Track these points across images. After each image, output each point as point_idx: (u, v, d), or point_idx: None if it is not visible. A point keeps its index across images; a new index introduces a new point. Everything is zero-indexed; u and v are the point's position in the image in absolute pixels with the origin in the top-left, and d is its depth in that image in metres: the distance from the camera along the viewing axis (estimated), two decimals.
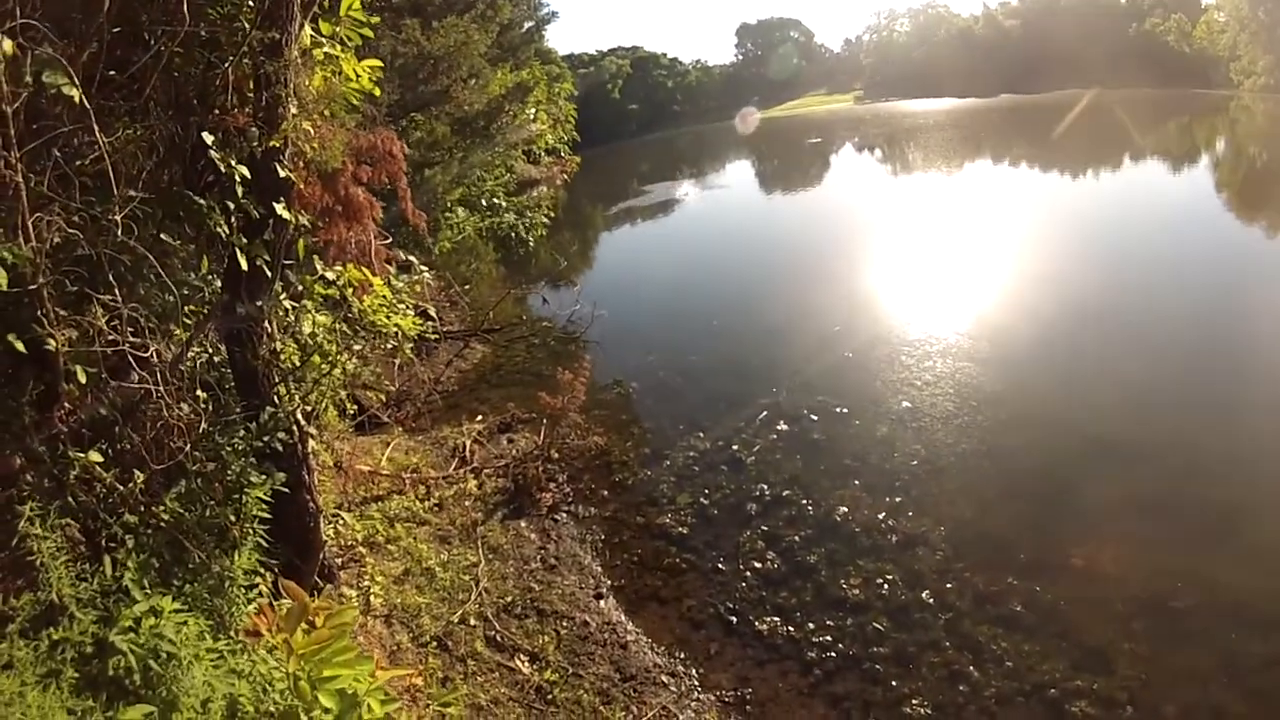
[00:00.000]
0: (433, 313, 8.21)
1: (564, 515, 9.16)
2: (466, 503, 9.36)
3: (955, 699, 6.34)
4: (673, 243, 22.55)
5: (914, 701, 6.31)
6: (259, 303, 4.82)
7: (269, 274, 4.87)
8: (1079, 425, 10.10)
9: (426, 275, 6.52)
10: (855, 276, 17.50)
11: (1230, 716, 6.05)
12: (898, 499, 8.83)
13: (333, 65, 4.98)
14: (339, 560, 7.45)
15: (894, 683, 6.51)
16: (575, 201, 30.44)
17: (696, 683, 6.63)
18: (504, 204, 17.16)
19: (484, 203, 16.73)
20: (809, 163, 39.56)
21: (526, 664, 6.66)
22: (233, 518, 4.15)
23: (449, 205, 15.45)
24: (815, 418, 10.60)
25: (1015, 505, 8.65)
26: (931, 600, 7.27)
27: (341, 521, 8.19)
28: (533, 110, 16.03)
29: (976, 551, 7.92)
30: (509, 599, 7.58)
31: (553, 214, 19.57)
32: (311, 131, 4.89)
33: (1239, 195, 25.74)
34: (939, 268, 17.76)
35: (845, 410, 10.70)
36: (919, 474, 9.33)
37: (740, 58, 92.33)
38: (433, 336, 9.90)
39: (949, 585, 7.46)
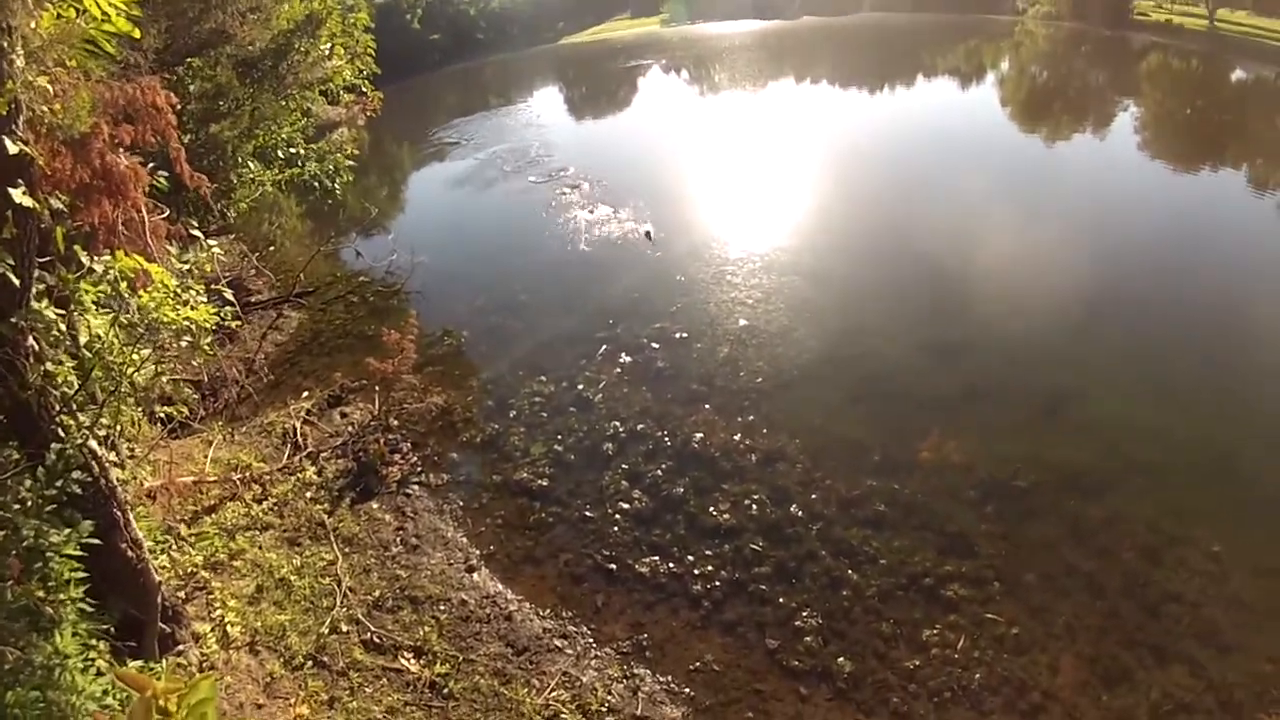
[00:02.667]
0: (229, 295, 7.03)
1: (416, 488, 8.64)
2: (309, 494, 8.50)
3: (841, 604, 7.10)
4: (486, 177, 21.50)
5: (804, 614, 6.99)
6: (13, 319, 3.80)
7: (18, 280, 3.85)
8: (908, 329, 11.70)
9: (215, 249, 5.49)
10: (673, 198, 17.81)
11: (1081, 574, 7.34)
12: (750, 417, 9.58)
13: (70, 1, 3.89)
14: (181, 594, 6.49)
15: (781, 599, 7.16)
16: (381, 141, 28.22)
17: (591, 639, 6.87)
18: (304, 151, 15.32)
19: (281, 153, 14.84)
20: (618, 87, 39.16)
21: (413, 661, 6.34)
22: (41, 593, 3.30)
23: (242, 160, 13.57)
24: (656, 346, 10.88)
25: (861, 409, 9.79)
26: (800, 513, 8.05)
27: (174, 547, 7.09)
28: (327, 45, 14.26)
29: (833, 458, 8.84)
30: (377, 593, 7.09)
31: (358, 157, 17.79)
32: (50, 89, 3.83)
33: (1022, 109, 30.85)
34: (752, 185, 19.32)
35: (685, 335, 11.17)
36: (766, 390, 10.18)
37: None
38: (234, 324, 8.66)
39: (814, 496, 8.30)
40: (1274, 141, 24.62)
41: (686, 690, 6.27)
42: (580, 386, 10.25)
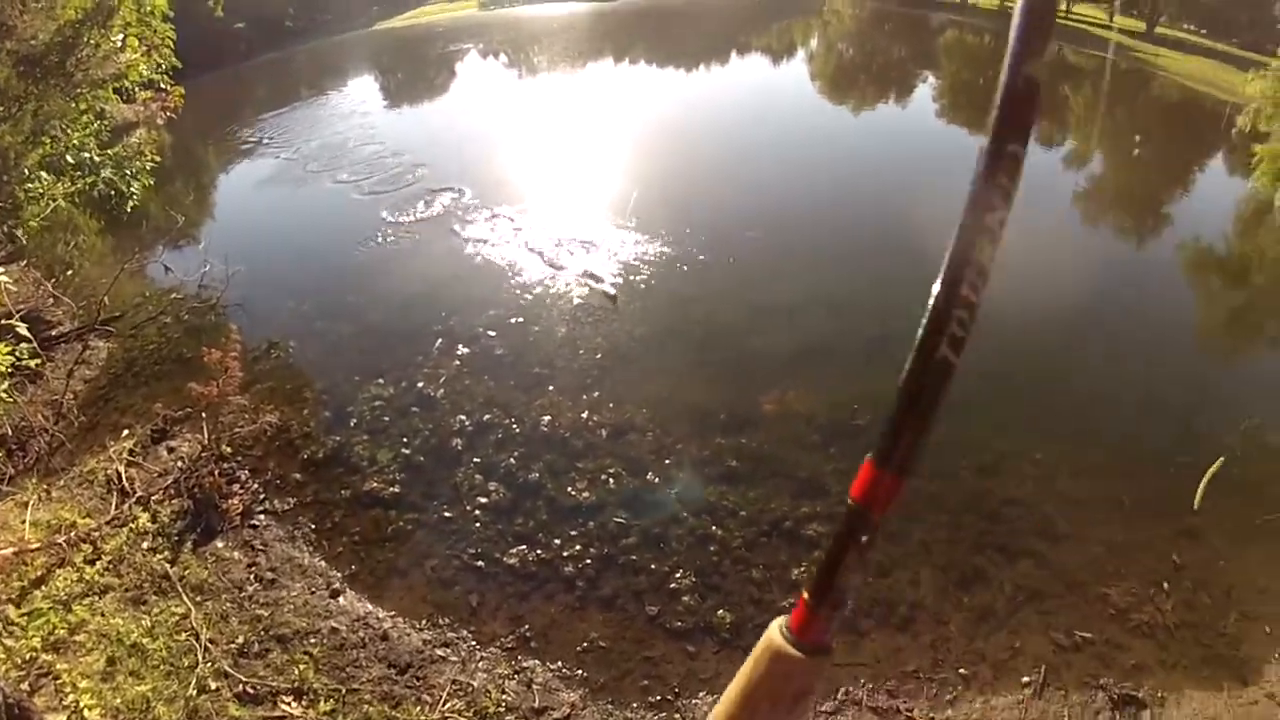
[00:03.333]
0: (24, 331, 6.28)
1: (261, 517, 8.05)
2: (146, 545, 7.70)
3: (710, 560, 7.40)
4: (301, 174, 20.31)
5: (677, 576, 7.24)
6: None
7: None
8: (739, 293, 12.31)
9: (4, 278, 4.91)
10: (495, 181, 17.30)
11: (925, 495, 8.04)
12: (596, 393, 9.77)
13: None
14: (25, 686, 5.73)
15: (653, 565, 7.37)
16: (184, 142, 25.81)
17: (474, 642, 6.74)
18: (98, 158, 13.80)
19: (72, 160, 13.28)
20: (436, 73, 38.15)
21: (294, 704, 5.93)
22: None
23: (29, 173, 11.97)
24: (493, 333, 10.77)
25: (703, 374, 10.23)
26: (657, 479, 8.33)
27: (4, 634, 6.25)
28: (120, 36, 12.84)
29: (682, 423, 9.17)
30: (241, 640, 6.56)
31: (159, 161, 16.27)
32: None
33: (830, 84, 32.90)
34: (574, 163, 19.22)
35: (520, 320, 11.14)
36: (608, 365, 10.41)
37: None
38: (34, 363, 7.72)
39: (668, 461, 8.60)
40: (1053, 104, 27.62)
41: (579, 672, 6.33)
42: (420, 384, 9.92)
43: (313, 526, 7.94)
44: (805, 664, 0.90)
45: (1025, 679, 6.45)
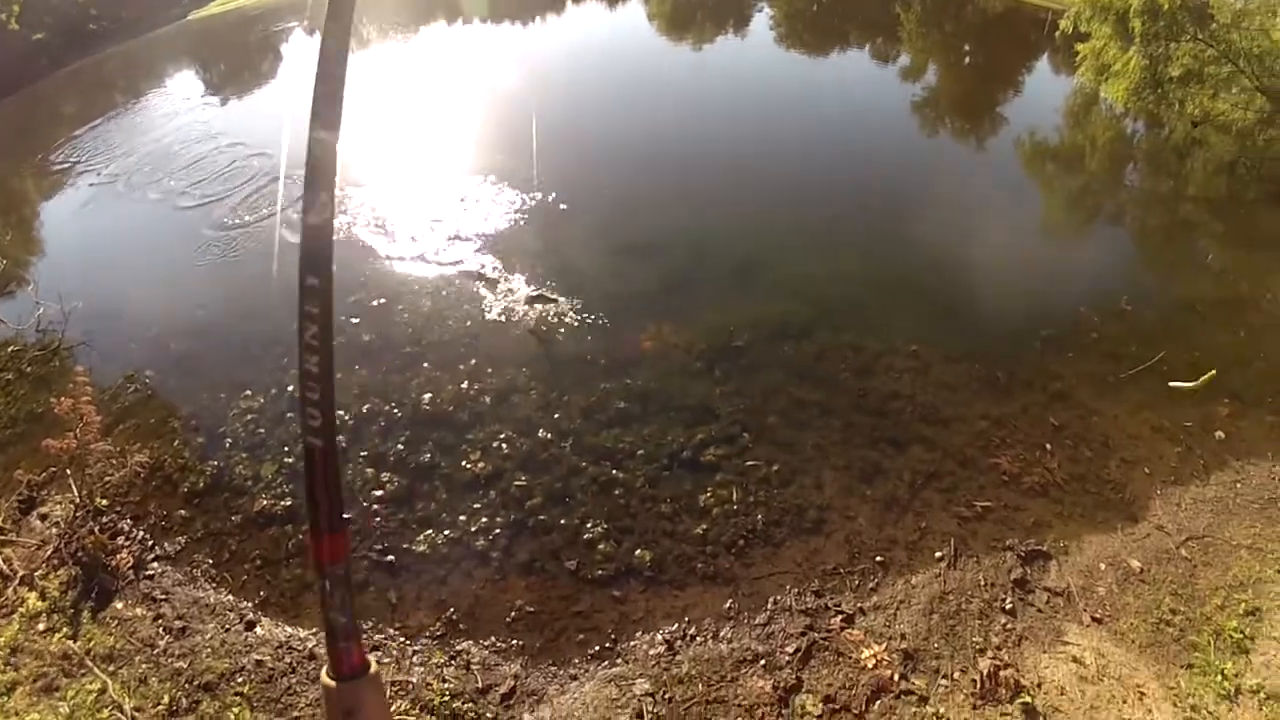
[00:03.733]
0: None
1: (155, 565, 7.44)
2: (41, 626, 6.94)
3: (618, 503, 7.44)
4: (121, 189, 18.73)
5: (588, 526, 7.23)
6: None
7: None
8: (599, 238, 12.20)
9: None
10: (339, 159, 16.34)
11: (812, 403, 8.43)
12: (472, 361, 9.52)
13: None
14: None
15: (562, 521, 7.33)
16: None
17: (402, 638, 6.50)
18: None
19: None
20: (261, 58, 35.98)
21: None
22: None
23: None
24: (357, 320, 10.38)
25: (577, 323, 10.12)
26: (549, 435, 8.25)
27: None
28: None
29: (564, 375, 9.15)
30: (166, 699, 6.10)
31: None
32: None
33: (667, 21, 32.76)
34: (419, 131, 18.31)
35: (383, 301, 10.79)
36: (478, 331, 10.14)
37: None
38: None
39: (556, 415, 8.53)
40: (886, 22, 28.69)
41: (513, 642, 6.25)
42: (290, 388, 9.37)
43: (210, 562, 7.44)
44: (343, 689, 1.19)
45: (938, 554, 6.92)
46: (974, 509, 7.31)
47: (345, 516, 1.18)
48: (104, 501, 8.26)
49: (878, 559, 6.80)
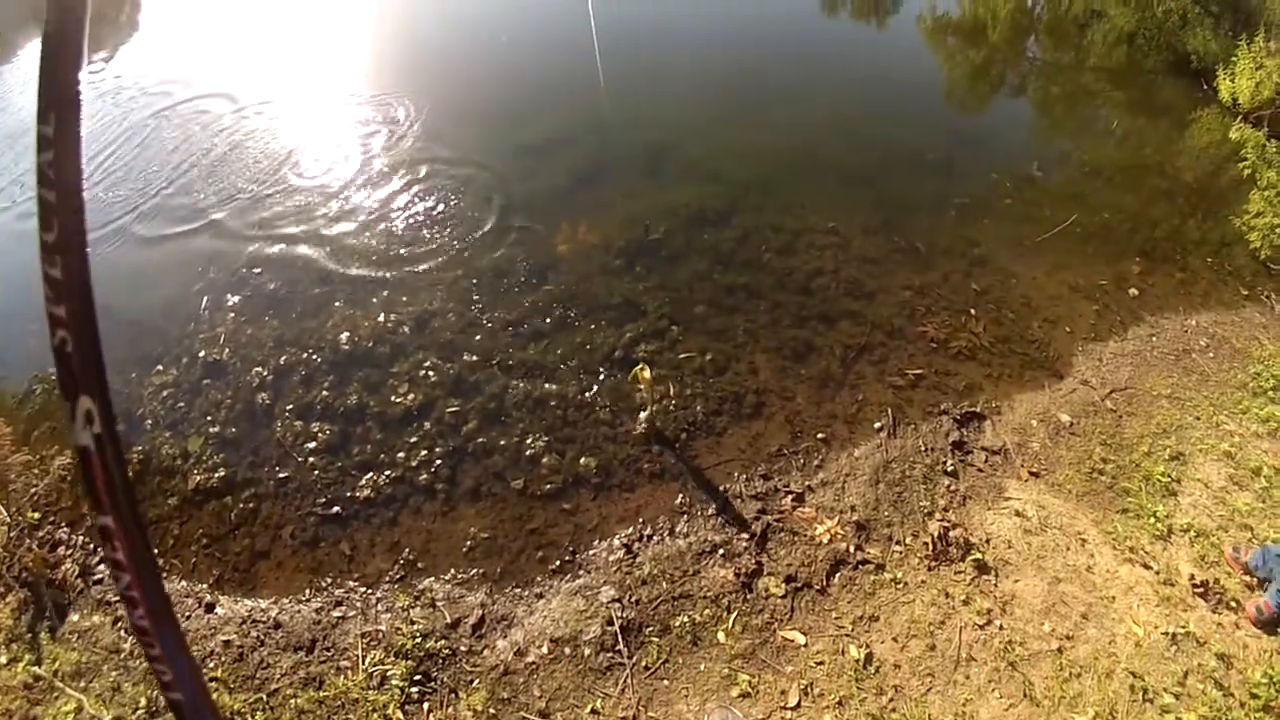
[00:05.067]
0: None
1: (102, 567, 7.01)
2: (3, 659, 6.49)
3: (555, 415, 7.36)
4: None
5: (528, 442, 7.14)
6: None
7: None
8: (500, 142, 11.75)
9: None
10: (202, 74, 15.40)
11: (738, 288, 8.64)
12: (385, 293, 9.15)
13: None
14: None
15: (501, 441, 7.19)
16: None
17: (364, 588, 6.35)
18: None
19: None
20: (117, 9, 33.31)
21: None
22: None
23: None
24: (259, 270, 9.81)
25: (485, 235, 9.83)
26: (475, 357, 8.04)
27: None
28: None
29: (481, 292, 8.89)
30: (143, 702, 5.90)
31: None
32: None
33: None
34: (308, 43, 16.96)
35: (281, 246, 10.13)
36: (389, 259, 9.68)
37: None
38: None
39: (479, 336, 8.30)
40: None
41: (473, 571, 6.17)
42: (202, 354, 8.87)
43: (156, 551, 7.08)
44: None
45: (877, 424, 7.08)
46: (907, 377, 7.48)
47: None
48: (35, 515, 7.75)
49: (819, 436, 6.91)
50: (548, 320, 8.31)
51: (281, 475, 7.33)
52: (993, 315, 8.29)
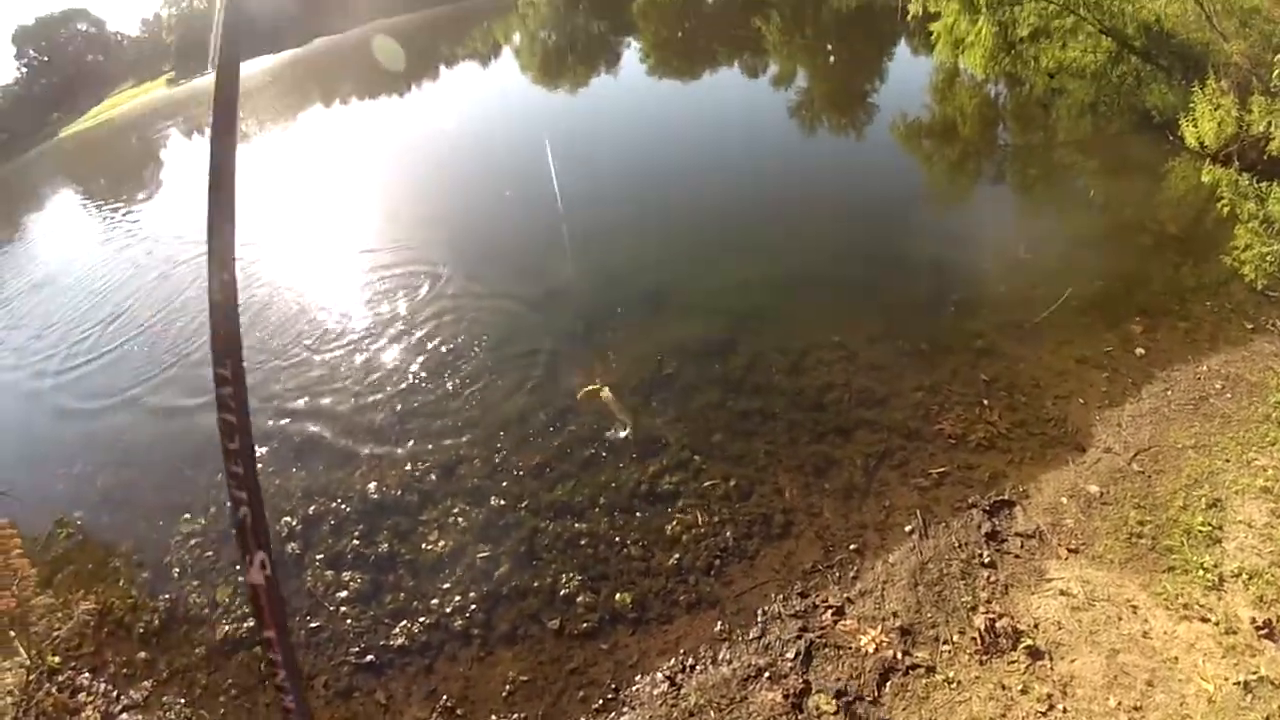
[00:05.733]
0: None
1: (125, 716, 7.03)
2: None
3: (586, 554, 7.45)
4: (31, 322, 18.21)
5: (562, 582, 7.20)
6: None
7: None
8: (506, 291, 12.26)
9: None
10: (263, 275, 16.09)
11: (754, 412, 8.78)
12: (410, 443, 9.39)
13: None
14: None
15: (535, 583, 7.23)
16: None
17: None
18: None
19: None
20: (140, 166, 35.61)
21: None
22: None
23: None
24: (285, 421, 10.65)
25: (488, 383, 10.27)
26: (503, 500, 8.22)
27: None
28: None
29: (507, 438, 9.13)
30: None
31: None
32: None
33: (540, 72, 34.66)
34: (329, 203, 18.15)
35: (306, 400, 10.91)
36: (411, 410, 10.04)
37: (24, 70, 76.64)
38: None
39: (505, 481, 8.48)
40: (750, 39, 30.16)
41: (514, 716, 6.13)
42: (229, 503, 9.07)
43: (183, 702, 7.09)
44: None
45: (908, 528, 7.10)
46: (930, 477, 7.54)
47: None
48: (56, 659, 7.84)
49: (852, 547, 6.93)
50: (572, 461, 8.48)
51: (313, 625, 7.38)
52: (1006, 402, 8.38)
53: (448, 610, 7.12)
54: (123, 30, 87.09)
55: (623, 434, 8.36)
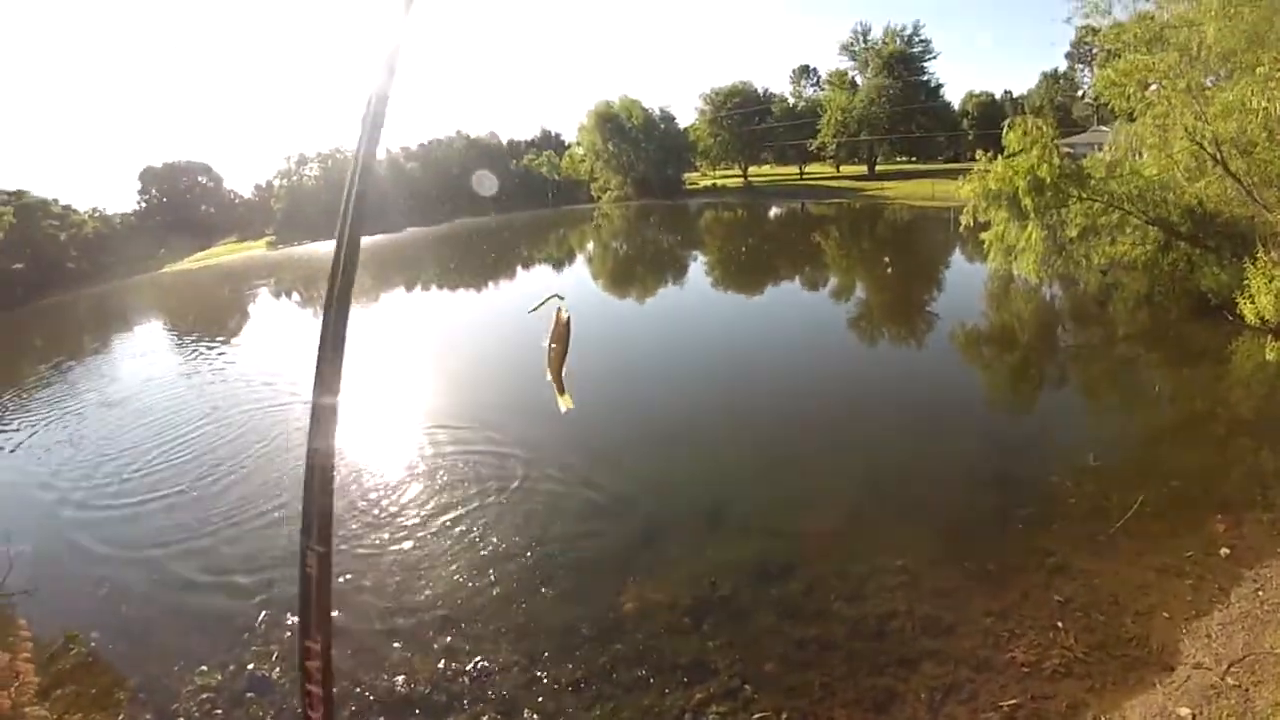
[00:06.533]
0: None
1: None
2: None
3: None
4: (94, 436, 18.75)
5: None
6: None
7: None
8: (562, 500, 12.13)
9: None
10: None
11: (810, 640, 8.14)
12: (447, 639, 8.96)
13: None
14: None
15: None
16: None
17: None
18: None
19: None
20: (229, 315, 38.17)
21: None
22: None
23: None
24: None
25: (555, 589, 9.81)
26: (536, 716, 7.65)
27: None
28: None
29: (548, 648, 8.63)
30: None
31: None
32: None
33: (610, 279, 36.25)
34: (390, 387, 19.15)
35: (349, 576, 10.38)
36: (452, 607, 9.62)
37: (144, 204, 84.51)
38: None
39: (541, 696, 7.95)
40: (810, 253, 31.69)
41: None
42: (251, 665, 8.72)
43: None
44: None
45: None
46: (1002, 711, 6.80)
47: None
48: None
49: None
50: (613, 681, 7.94)
51: None
52: (1082, 623, 7.69)
53: None
54: (237, 190, 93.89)
55: None
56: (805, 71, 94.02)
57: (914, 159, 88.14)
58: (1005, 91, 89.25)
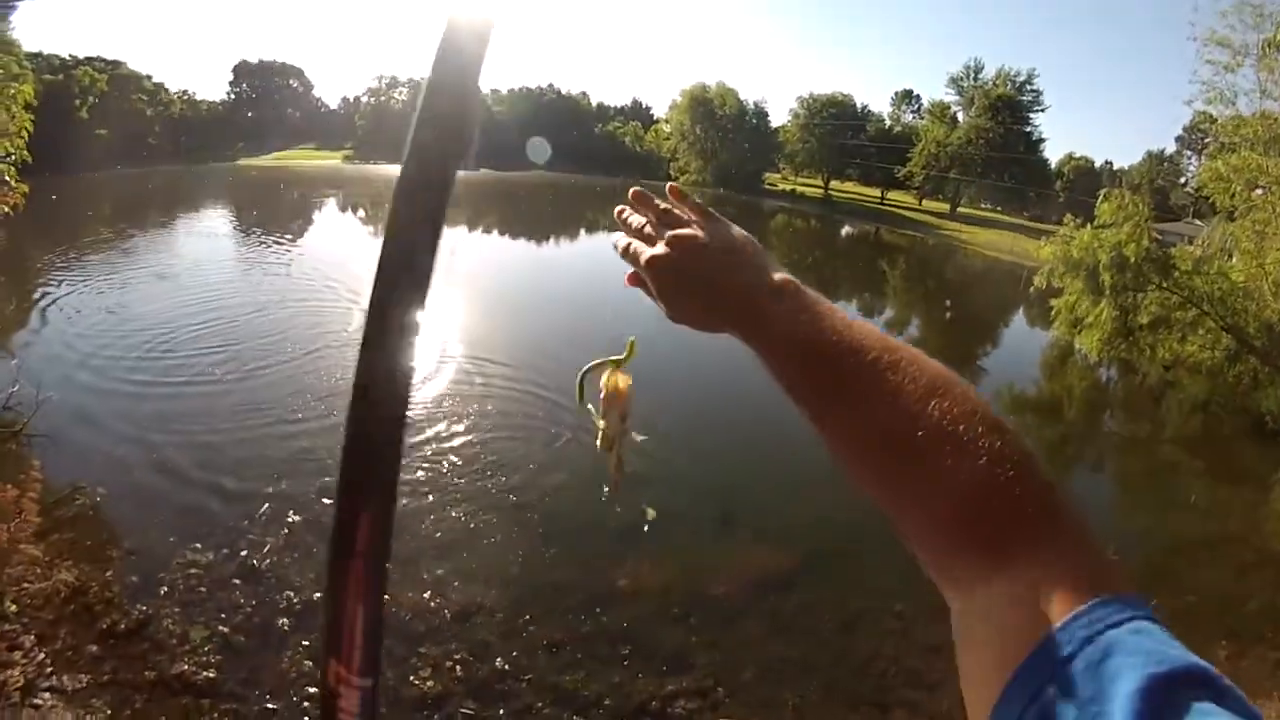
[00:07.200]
0: None
1: (47, 695, 6.72)
2: None
3: None
4: (135, 302, 19.23)
5: None
6: None
7: None
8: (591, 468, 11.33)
9: None
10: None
11: (793, 659, 8.06)
12: (439, 571, 8.98)
13: None
14: None
15: None
16: (18, 243, 24.23)
17: None
18: None
19: None
20: (291, 218, 39.15)
21: None
22: None
23: None
24: (329, 501, 9.89)
25: (556, 550, 9.81)
26: (507, 666, 7.64)
27: None
28: None
29: (535, 603, 8.63)
30: None
31: None
32: None
33: None
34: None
35: None
36: (452, 542, 9.68)
37: (233, 96, 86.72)
38: None
39: (519, 647, 7.97)
40: (873, 279, 31.22)
41: None
42: (244, 553, 8.90)
43: (108, 712, 6.60)
44: None
45: None
46: None
47: None
48: (14, 606, 7.55)
49: None
50: (591, 652, 7.92)
51: (269, 705, 6.84)
52: None
53: None
54: (325, 100, 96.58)
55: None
56: (907, 96, 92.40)
57: (998, 208, 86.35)
58: (1106, 161, 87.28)
